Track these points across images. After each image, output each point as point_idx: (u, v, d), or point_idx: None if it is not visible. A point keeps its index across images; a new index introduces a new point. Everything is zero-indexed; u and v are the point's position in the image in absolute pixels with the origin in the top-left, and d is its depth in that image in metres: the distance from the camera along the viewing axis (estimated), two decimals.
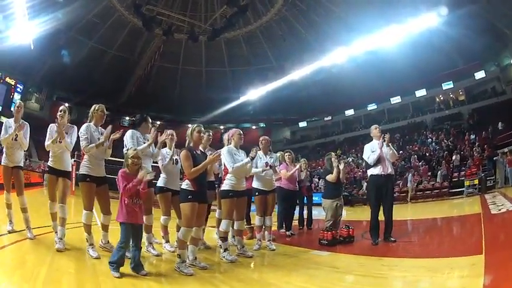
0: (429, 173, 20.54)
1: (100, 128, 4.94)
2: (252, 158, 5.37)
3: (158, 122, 39.33)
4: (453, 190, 17.83)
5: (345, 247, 5.96)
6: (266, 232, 6.04)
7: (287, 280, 3.90)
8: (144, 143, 4.95)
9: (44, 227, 5.12)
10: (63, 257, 4.25)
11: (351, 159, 27.53)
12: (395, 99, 32.70)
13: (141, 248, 4.07)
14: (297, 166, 7.80)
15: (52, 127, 4.97)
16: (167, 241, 5.50)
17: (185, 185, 4.30)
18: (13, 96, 32.85)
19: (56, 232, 4.72)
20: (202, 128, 4.71)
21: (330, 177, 6.82)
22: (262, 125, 41.60)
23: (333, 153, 7.26)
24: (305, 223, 8.77)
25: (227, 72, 36.98)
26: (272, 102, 35.53)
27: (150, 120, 5.31)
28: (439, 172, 19.54)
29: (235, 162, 5.21)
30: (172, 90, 38.35)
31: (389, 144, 6.23)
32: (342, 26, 27.21)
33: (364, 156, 6.52)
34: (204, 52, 35.29)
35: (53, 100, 36.50)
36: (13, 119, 5.37)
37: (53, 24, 27.48)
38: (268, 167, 5.98)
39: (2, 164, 5.53)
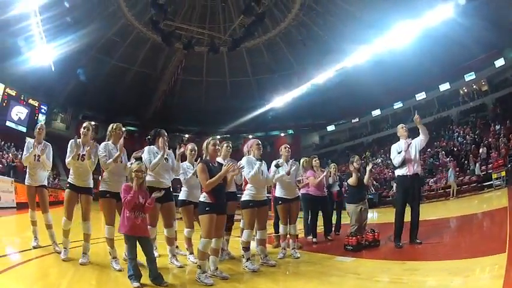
0: (457, 169, 19.95)
1: (119, 145, 5.02)
2: (278, 166, 5.60)
3: (187, 135, 40.60)
4: (483, 184, 17.40)
5: (370, 252, 5.84)
6: (291, 240, 6.02)
7: None
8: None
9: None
10: (87, 270, 4.42)
11: (379, 160, 27.02)
12: (420, 96, 31.99)
13: (155, 259, 4.16)
14: (325, 172, 7.67)
15: (71, 142, 5.08)
16: (191, 253, 5.51)
17: (203, 197, 4.38)
18: (37, 117, 33.96)
19: (65, 248, 4.93)
20: (218, 141, 4.76)
21: (351, 181, 6.77)
22: (290, 131, 41.54)
23: (356, 157, 7.13)
24: (333, 229, 8.51)
25: (251, 81, 37.09)
26: (298, 107, 35.43)
27: (166, 134, 5.28)
28: (473, 167, 19.11)
29: (253, 171, 5.23)
30: (198, 103, 38.57)
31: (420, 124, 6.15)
32: (358, 24, 26.96)
33: (391, 157, 6.45)
34: (226, 63, 35.56)
35: (78, 119, 37.09)
36: (35, 140, 5.62)
37: (72, 46, 28.62)
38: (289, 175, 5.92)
39: (26, 183, 5.74)
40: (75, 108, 37.27)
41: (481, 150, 19.98)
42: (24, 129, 29.75)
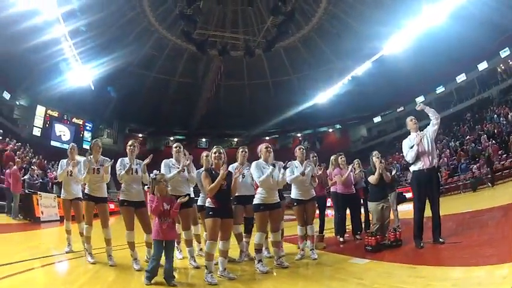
0: (500, 152, 18.75)
1: (136, 160, 5.55)
2: (285, 168, 5.62)
3: (235, 139, 41.64)
4: None
5: (388, 253, 5.63)
6: (309, 241, 6.01)
7: None
8: (178, 168, 5.57)
9: (100, 248, 5.77)
10: (110, 270, 5.09)
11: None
12: (461, 77, 30.32)
13: (172, 261, 4.54)
14: (350, 168, 7.52)
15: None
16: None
17: (208, 202, 4.72)
18: (83, 134, 36.10)
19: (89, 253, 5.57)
20: (221, 150, 5.02)
21: (372, 179, 6.50)
22: (338, 126, 40.85)
23: (374, 152, 6.77)
24: (363, 227, 8.23)
25: (292, 79, 36.90)
26: (342, 101, 34.82)
27: (178, 145, 5.95)
28: None
29: (264, 175, 5.34)
30: (243, 106, 38.99)
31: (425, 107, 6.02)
32: (387, 10, 26.18)
33: (404, 154, 6.12)
34: (266, 64, 35.66)
35: (125, 133, 39.40)
36: (68, 159, 6.37)
37: (112, 65, 29.97)
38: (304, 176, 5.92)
39: (61, 197, 6.68)
40: (120, 123, 39.14)
41: None
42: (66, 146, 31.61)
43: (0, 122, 25.53)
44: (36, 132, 31.83)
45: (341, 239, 7.48)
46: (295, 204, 6.08)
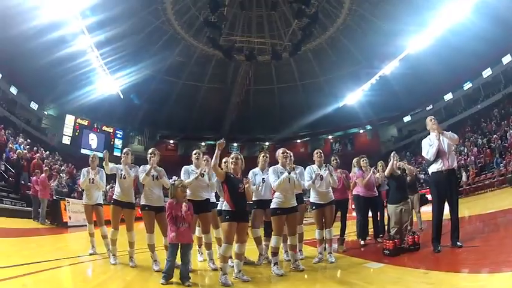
0: None
1: (157, 167, 5.79)
2: (289, 173, 5.47)
3: (267, 143, 41.89)
4: None
5: (406, 257, 5.57)
6: (327, 245, 6.01)
7: None
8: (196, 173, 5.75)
9: (122, 250, 6.14)
10: (129, 270, 5.47)
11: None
12: (487, 72, 29.20)
13: (188, 262, 4.81)
14: (371, 171, 7.47)
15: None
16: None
17: (224, 206, 4.93)
18: (114, 142, 37.10)
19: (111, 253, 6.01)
20: (239, 155, 5.26)
21: (386, 172, 6.47)
22: (368, 127, 40.22)
23: (393, 153, 6.63)
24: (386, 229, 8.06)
25: (321, 82, 36.63)
26: (372, 102, 34.57)
27: (197, 152, 6.13)
28: None
29: (279, 179, 5.39)
30: (273, 110, 39.23)
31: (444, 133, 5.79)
32: (409, 8, 25.77)
33: (423, 153, 6.02)
34: (295, 67, 35.68)
35: (156, 139, 40.13)
36: (89, 167, 6.90)
37: (141, 73, 31.10)
38: (319, 178, 5.99)
39: (83, 203, 7.13)
40: (151, 130, 39.90)
41: None
42: (101, 155, 32.46)
43: (28, 132, 26.47)
44: (66, 140, 33.09)
45: (362, 242, 7.38)
46: (313, 208, 6.12)
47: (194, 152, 6.15)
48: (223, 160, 6.02)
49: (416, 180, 7.64)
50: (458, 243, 5.36)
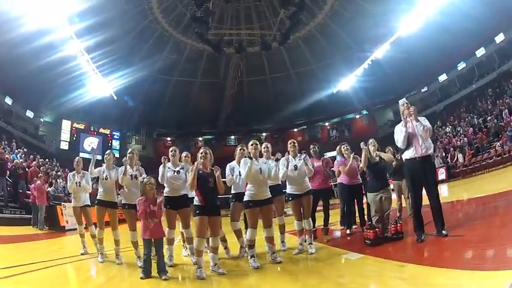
0: None
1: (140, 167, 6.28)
2: (277, 160, 5.71)
3: (264, 134, 41.95)
4: None
5: (386, 247, 5.40)
6: (307, 236, 5.95)
7: None
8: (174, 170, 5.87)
9: (111, 250, 6.37)
10: (115, 267, 5.82)
11: (448, 129, 25.05)
12: (480, 52, 29.02)
13: (163, 256, 4.98)
14: (351, 157, 7.24)
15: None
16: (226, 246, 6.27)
17: (195, 201, 5.01)
18: (111, 143, 37.15)
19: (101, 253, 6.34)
20: (208, 150, 5.28)
21: (361, 164, 6.37)
22: (364, 112, 40.12)
23: (371, 139, 6.48)
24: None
25: (314, 69, 36.59)
26: (366, 87, 34.57)
27: (173, 149, 6.12)
28: None
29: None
30: (268, 101, 39.28)
31: (418, 119, 5.39)
32: None
33: (395, 139, 5.62)
34: (286, 56, 35.70)
35: (153, 138, 40.62)
36: (75, 171, 7.17)
37: (133, 74, 31.17)
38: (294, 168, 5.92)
39: (72, 205, 7.49)
40: (148, 128, 40.11)
41: None
42: (99, 157, 32.48)
43: (26, 141, 26.54)
44: (64, 146, 33.28)
45: (347, 231, 7.29)
46: (290, 198, 6.03)
47: (170, 149, 6.12)
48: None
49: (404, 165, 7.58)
50: (443, 231, 5.11)
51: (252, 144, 5.63)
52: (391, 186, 8.16)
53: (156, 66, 33.47)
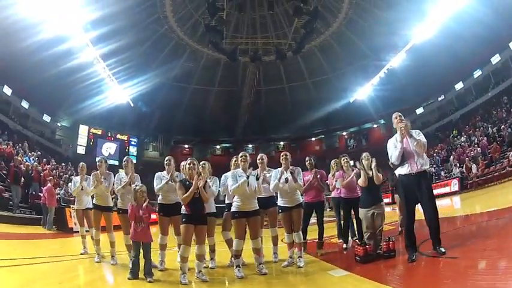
0: None
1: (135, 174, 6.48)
2: (257, 179, 5.57)
3: (282, 143, 42.12)
4: None
5: (374, 265, 5.22)
6: (296, 249, 5.87)
7: None
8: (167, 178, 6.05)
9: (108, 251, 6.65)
10: (107, 267, 6.18)
11: (463, 139, 24.50)
12: (495, 58, 28.13)
13: (150, 259, 5.22)
14: (353, 172, 6.96)
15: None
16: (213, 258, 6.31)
17: (182, 210, 5.16)
18: (128, 149, 37.60)
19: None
20: (195, 161, 5.47)
21: (360, 181, 6.01)
22: (382, 121, 39.25)
23: (365, 154, 6.24)
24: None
25: (331, 78, 36.47)
26: (382, 96, 34.14)
27: (168, 159, 6.25)
28: None
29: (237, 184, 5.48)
30: (285, 109, 39.27)
31: (411, 135, 5.14)
32: None
33: (389, 155, 5.41)
34: (303, 65, 35.69)
35: (171, 145, 40.85)
36: (79, 176, 7.50)
37: (150, 81, 31.62)
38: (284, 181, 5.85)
39: (75, 208, 8.07)
40: (165, 136, 40.44)
41: None
42: (116, 163, 32.92)
43: (41, 143, 27.34)
44: (81, 150, 33.83)
45: (344, 246, 7.19)
46: (280, 211, 6.04)
47: (166, 158, 6.28)
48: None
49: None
50: (441, 249, 4.83)
51: (241, 156, 5.68)
52: (396, 198, 8.06)
53: (173, 73, 33.80)
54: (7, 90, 26.37)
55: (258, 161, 5.98)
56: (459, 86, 31.73)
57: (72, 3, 21.71)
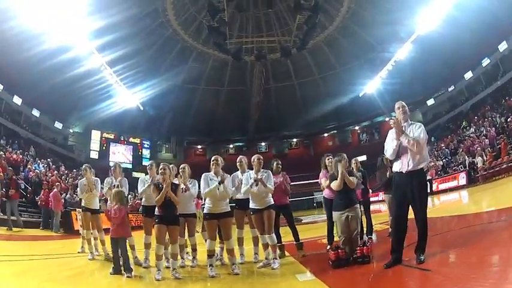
0: None
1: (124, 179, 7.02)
2: (221, 182, 5.63)
3: (295, 140, 42.45)
4: None
5: (343, 272, 4.99)
6: (271, 250, 5.85)
7: None
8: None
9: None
10: (99, 264, 6.68)
11: (472, 130, 23.95)
12: (503, 46, 27.40)
13: (127, 256, 5.55)
14: (328, 175, 6.69)
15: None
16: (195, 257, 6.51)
17: (156, 211, 5.49)
18: (141, 152, 38.24)
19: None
20: (166, 166, 5.71)
21: (334, 185, 5.75)
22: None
23: (343, 155, 5.90)
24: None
25: (339, 73, 36.22)
26: (392, 89, 33.33)
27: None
28: None
29: (209, 187, 5.63)
30: (296, 106, 39.32)
31: (403, 131, 4.76)
32: None
33: (385, 148, 5.03)
34: (311, 61, 35.65)
35: (184, 146, 41.30)
36: (85, 179, 7.48)
37: (159, 85, 32.10)
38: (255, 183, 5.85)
39: (81, 210, 8.15)
40: (178, 137, 40.87)
41: None
42: (130, 166, 33.35)
43: (54, 150, 27.97)
44: (94, 155, 34.48)
45: (327, 247, 6.93)
46: (251, 213, 6.05)
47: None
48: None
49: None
50: (421, 257, 4.43)
51: (213, 160, 5.84)
52: (384, 198, 7.95)
53: (182, 76, 34.15)
54: (17, 100, 27.14)
55: (253, 162, 6.01)
56: (468, 75, 31.09)
57: (75, 14, 22.24)
